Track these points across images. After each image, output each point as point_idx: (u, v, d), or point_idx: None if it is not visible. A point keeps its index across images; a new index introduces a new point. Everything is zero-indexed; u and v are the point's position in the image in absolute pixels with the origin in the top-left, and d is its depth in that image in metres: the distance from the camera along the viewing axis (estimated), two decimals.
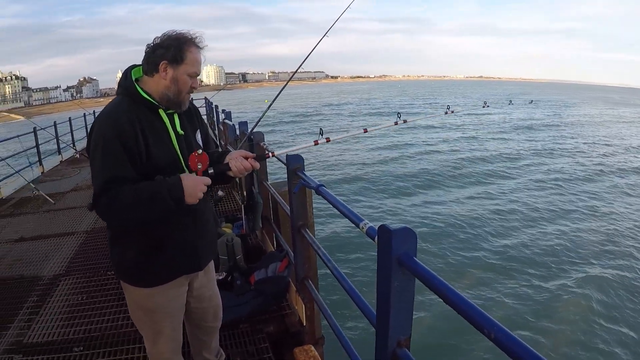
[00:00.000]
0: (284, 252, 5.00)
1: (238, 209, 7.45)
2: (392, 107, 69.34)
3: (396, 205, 17.25)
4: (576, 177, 21.50)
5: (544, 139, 35.53)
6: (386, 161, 26.86)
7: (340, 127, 45.37)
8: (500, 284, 10.95)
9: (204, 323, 3.01)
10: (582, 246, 13.22)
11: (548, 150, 29.79)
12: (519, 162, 26.64)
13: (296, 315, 4.51)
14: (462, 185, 20.09)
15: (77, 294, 5.35)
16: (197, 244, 2.62)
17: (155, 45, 2.36)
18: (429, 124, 41.90)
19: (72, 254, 6.66)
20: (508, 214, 16.21)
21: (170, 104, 2.42)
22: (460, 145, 32.42)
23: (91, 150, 2.29)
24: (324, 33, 4.80)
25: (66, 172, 14.03)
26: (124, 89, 2.41)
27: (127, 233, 2.44)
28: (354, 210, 2.62)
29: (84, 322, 4.65)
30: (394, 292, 1.94)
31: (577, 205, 17.11)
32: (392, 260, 1.89)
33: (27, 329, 4.62)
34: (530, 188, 19.70)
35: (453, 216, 15.92)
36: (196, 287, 2.81)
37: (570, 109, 68.61)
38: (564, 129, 42.57)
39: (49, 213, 9.19)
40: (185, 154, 2.47)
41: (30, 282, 5.77)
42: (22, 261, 6.58)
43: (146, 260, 2.47)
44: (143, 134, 2.30)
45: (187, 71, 2.37)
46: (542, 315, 9.67)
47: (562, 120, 49.87)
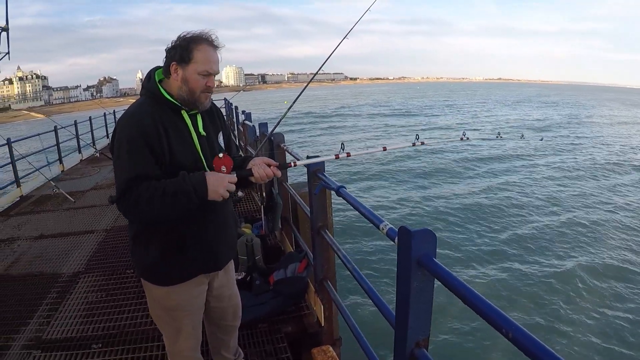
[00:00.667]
0: (303, 253, 4.99)
1: (257, 210, 7.45)
2: (411, 110, 69.09)
3: (415, 205, 17.16)
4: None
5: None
6: (402, 159, 26.85)
7: (361, 129, 45.39)
8: (518, 283, 10.89)
9: (223, 322, 3.01)
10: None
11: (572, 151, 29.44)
12: (542, 159, 26.59)
13: (314, 316, 4.49)
14: (485, 186, 19.92)
15: (96, 292, 5.37)
16: (217, 243, 2.62)
17: (168, 48, 2.39)
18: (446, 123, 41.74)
19: (91, 252, 6.70)
20: (529, 213, 16.12)
21: (186, 103, 2.42)
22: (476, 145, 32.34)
23: (115, 150, 2.31)
24: (343, 35, 4.79)
25: (86, 170, 14.16)
26: (147, 90, 2.43)
27: (148, 232, 2.45)
28: (374, 212, 2.62)
29: (103, 320, 4.67)
30: (413, 293, 1.95)
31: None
32: (411, 261, 1.90)
33: (46, 325, 4.65)
34: (558, 190, 19.50)
35: (471, 213, 15.98)
36: (216, 287, 2.80)
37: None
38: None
39: (69, 211, 9.26)
40: (208, 155, 2.49)
41: (49, 279, 5.81)
42: (42, 258, 6.62)
43: (167, 258, 2.47)
44: (166, 134, 2.32)
45: (196, 70, 2.35)
46: (561, 317, 9.58)
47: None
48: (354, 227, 13.70)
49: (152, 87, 2.41)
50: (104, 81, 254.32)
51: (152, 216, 2.30)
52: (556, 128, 44.25)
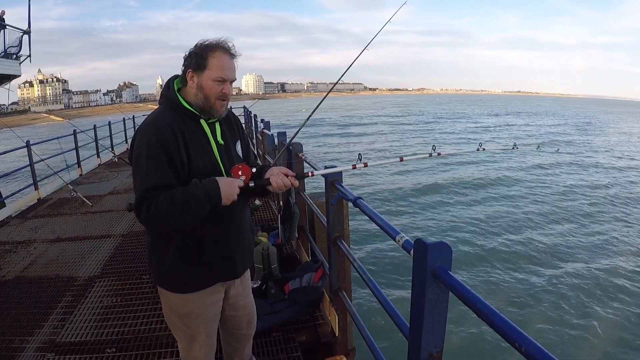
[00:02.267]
0: (319, 263, 4.98)
1: (274, 219, 7.47)
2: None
3: (428, 216, 17.11)
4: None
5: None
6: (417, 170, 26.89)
7: (378, 138, 45.52)
8: (531, 295, 10.79)
9: (238, 330, 3.01)
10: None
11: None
12: (558, 169, 26.49)
13: (329, 326, 4.47)
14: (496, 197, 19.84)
15: (111, 296, 5.38)
16: (234, 251, 2.62)
17: (185, 57, 2.43)
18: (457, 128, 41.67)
19: (107, 257, 6.72)
20: (544, 225, 16.01)
21: (203, 112, 2.44)
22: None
23: (134, 158, 2.33)
24: (363, 44, 4.79)
25: (104, 175, 14.24)
26: (166, 98, 2.46)
27: (166, 239, 2.45)
28: (390, 223, 2.62)
29: (118, 324, 4.67)
30: (428, 305, 1.95)
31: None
32: (427, 274, 1.91)
33: (61, 328, 4.66)
34: (574, 203, 19.36)
35: (485, 224, 15.87)
36: (232, 295, 2.80)
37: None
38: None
39: (86, 215, 9.32)
40: (226, 164, 2.50)
41: (65, 283, 5.84)
42: (58, 261, 6.66)
43: (184, 266, 2.48)
44: (185, 143, 2.33)
45: (211, 77, 2.37)
46: (575, 331, 9.49)
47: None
48: (369, 236, 13.68)
49: (171, 95, 2.44)
50: (123, 86, 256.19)
51: (169, 225, 2.32)
52: (570, 139, 44.19)
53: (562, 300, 10.67)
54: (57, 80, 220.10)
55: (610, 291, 11.12)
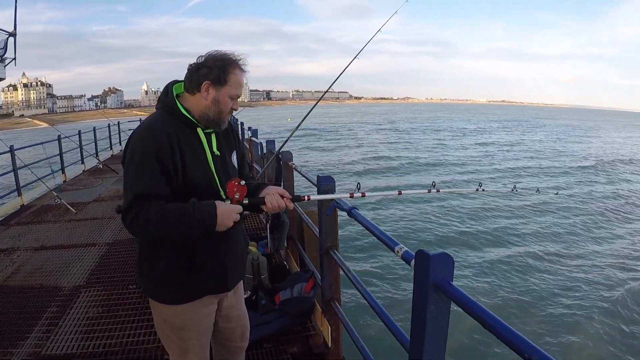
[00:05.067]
0: (310, 273, 4.94)
1: (262, 228, 7.41)
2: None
3: (419, 225, 17.06)
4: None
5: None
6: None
7: (363, 144, 45.91)
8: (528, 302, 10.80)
9: (231, 343, 2.94)
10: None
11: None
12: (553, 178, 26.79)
13: (320, 336, 4.44)
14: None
15: (97, 307, 5.29)
16: (227, 264, 2.56)
17: (199, 64, 2.35)
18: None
19: (93, 266, 6.61)
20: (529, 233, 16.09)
21: (209, 123, 2.41)
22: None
23: (126, 162, 2.27)
24: (351, 53, 4.77)
25: (88, 182, 14.10)
26: (164, 104, 2.40)
27: (157, 249, 2.39)
28: (388, 234, 2.61)
29: (104, 336, 4.58)
30: (429, 317, 1.94)
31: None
32: (429, 285, 1.89)
33: (46, 340, 4.56)
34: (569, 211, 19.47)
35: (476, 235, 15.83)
36: (225, 307, 2.75)
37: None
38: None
39: (71, 223, 9.19)
40: (221, 175, 2.46)
41: (50, 292, 5.73)
42: (42, 270, 6.54)
43: (176, 277, 2.41)
44: (180, 151, 2.29)
45: (229, 93, 2.37)
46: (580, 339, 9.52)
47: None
48: (358, 246, 13.62)
49: (169, 101, 2.39)
50: (108, 91, 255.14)
51: (154, 236, 2.27)
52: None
53: (561, 306, 10.69)
54: (42, 84, 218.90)
55: (614, 300, 11.16)
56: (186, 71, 2.40)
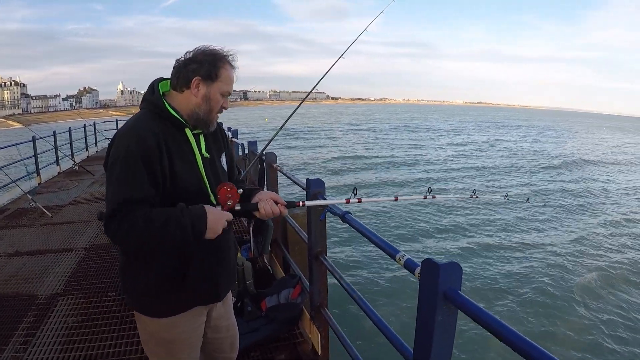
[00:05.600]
0: (297, 278, 4.84)
1: (245, 231, 7.27)
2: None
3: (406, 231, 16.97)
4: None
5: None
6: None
7: (341, 144, 46.23)
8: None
9: (220, 354, 2.83)
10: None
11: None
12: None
13: (309, 344, 4.36)
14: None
15: (76, 315, 5.12)
16: (217, 273, 2.44)
17: (187, 60, 2.23)
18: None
19: (70, 272, 6.43)
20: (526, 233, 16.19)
21: (199, 122, 2.28)
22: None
23: (109, 164, 2.11)
24: (330, 55, 4.70)
25: (64, 184, 13.83)
26: (150, 103, 2.25)
27: (144, 259, 2.25)
28: (386, 240, 2.54)
29: (84, 347, 4.42)
30: (437, 328, 1.90)
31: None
32: (437, 295, 1.86)
33: (23, 352, 4.39)
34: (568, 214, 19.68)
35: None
36: (214, 317, 2.64)
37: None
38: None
39: (46, 227, 8.95)
40: (211, 179, 2.34)
41: (26, 301, 5.54)
42: (18, 277, 6.33)
43: (164, 289, 2.27)
44: (168, 153, 2.14)
45: (220, 89, 2.25)
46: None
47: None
48: (345, 251, 13.51)
49: (156, 100, 2.24)
50: (84, 91, 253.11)
51: (140, 246, 2.14)
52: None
53: (560, 312, 10.66)
54: (16, 84, 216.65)
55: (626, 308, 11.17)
56: (172, 68, 2.27)
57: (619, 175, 34.14)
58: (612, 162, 41.50)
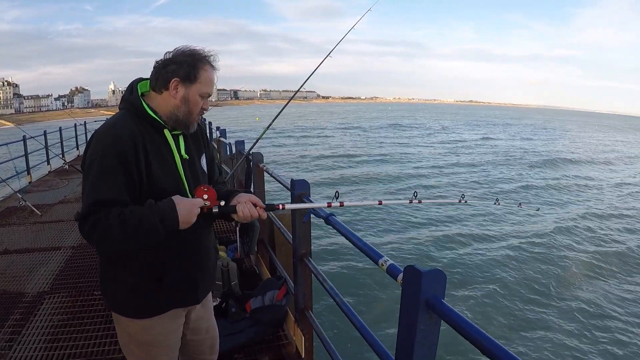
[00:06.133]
0: (282, 280, 4.82)
1: (232, 231, 7.28)
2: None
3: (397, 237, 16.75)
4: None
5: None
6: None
7: (334, 144, 46.17)
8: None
9: (199, 356, 2.81)
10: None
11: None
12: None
13: (293, 346, 4.34)
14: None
15: (61, 314, 5.12)
16: (196, 275, 2.44)
17: (166, 61, 2.22)
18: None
19: (57, 270, 6.44)
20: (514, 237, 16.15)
21: (178, 124, 2.27)
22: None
23: (86, 166, 2.10)
24: (322, 54, 4.70)
25: (54, 183, 13.81)
26: (129, 103, 2.24)
27: (121, 259, 2.25)
28: (369, 244, 2.51)
29: (69, 346, 4.43)
30: (419, 337, 1.86)
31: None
32: (419, 303, 1.81)
33: (9, 350, 4.39)
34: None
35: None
36: (193, 319, 2.62)
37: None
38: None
39: (35, 225, 8.96)
40: (190, 180, 2.33)
41: (13, 299, 5.55)
42: (5, 275, 6.34)
43: (142, 291, 2.28)
44: (145, 154, 2.13)
45: (199, 91, 2.24)
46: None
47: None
48: (331, 253, 13.43)
49: (134, 100, 2.23)
50: (75, 91, 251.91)
51: (115, 247, 2.14)
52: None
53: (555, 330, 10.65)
54: (8, 84, 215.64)
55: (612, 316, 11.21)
56: (152, 68, 2.26)
57: (609, 173, 34.43)
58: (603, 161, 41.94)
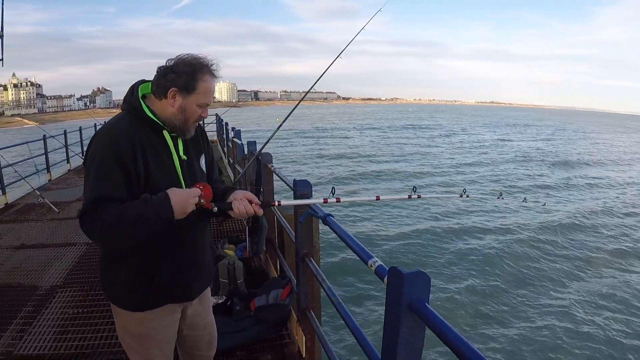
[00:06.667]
0: (287, 279, 4.86)
1: (242, 230, 7.37)
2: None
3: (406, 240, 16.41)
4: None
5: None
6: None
7: (350, 147, 45.83)
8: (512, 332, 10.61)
9: (196, 352, 2.86)
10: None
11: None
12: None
13: (296, 345, 4.35)
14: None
15: (72, 307, 5.25)
16: (190, 273, 2.50)
17: (167, 69, 2.24)
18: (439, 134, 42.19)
19: (71, 265, 6.58)
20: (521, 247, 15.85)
21: (175, 130, 2.32)
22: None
23: (87, 164, 2.18)
24: (337, 54, 4.74)
25: (73, 181, 14.05)
26: (129, 105, 2.30)
27: (118, 253, 2.33)
28: (362, 245, 2.49)
29: (77, 338, 4.54)
30: (401, 339, 1.83)
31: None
32: (402, 306, 1.78)
33: (19, 340, 4.52)
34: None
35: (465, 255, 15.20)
36: (190, 315, 2.67)
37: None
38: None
39: (52, 222, 9.15)
40: (188, 180, 2.39)
41: (27, 292, 5.69)
42: (21, 269, 6.51)
43: (136, 286, 2.34)
44: (144, 154, 2.20)
45: (197, 101, 2.27)
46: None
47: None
48: (345, 255, 13.30)
49: (134, 102, 2.29)
50: (97, 91, 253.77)
51: (114, 242, 2.23)
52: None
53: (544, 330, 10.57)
54: (31, 84, 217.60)
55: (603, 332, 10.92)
56: (155, 73, 2.29)
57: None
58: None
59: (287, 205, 2.91)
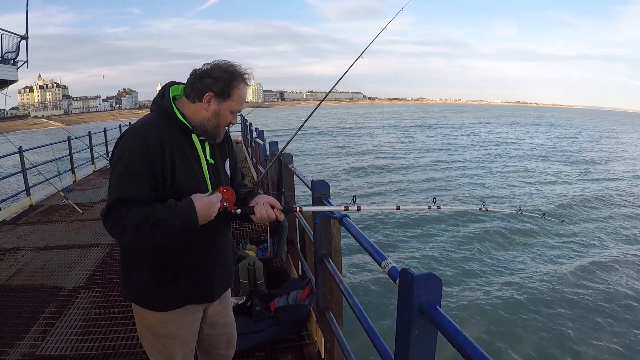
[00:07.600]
0: (307, 280, 4.85)
1: (264, 231, 7.38)
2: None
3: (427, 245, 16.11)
4: None
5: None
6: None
7: (374, 148, 45.46)
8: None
9: (216, 351, 2.87)
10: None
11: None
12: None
13: (315, 346, 4.33)
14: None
15: (94, 308, 5.29)
16: (211, 274, 2.51)
17: (203, 73, 2.26)
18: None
19: (94, 267, 6.63)
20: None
21: (205, 134, 2.34)
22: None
23: (113, 163, 2.19)
24: (366, 55, 4.72)
25: (97, 182, 14.16)
26: (159, 106, 2.32)
27: (139, 256, 2.34)
28: (377, 246, 2.47)
29: (99, 339, 4.58)
30: (413, 342, 1.81)
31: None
32: (413, 308, 1.76)
33: (41, 341, 4.57)
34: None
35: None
36: (210, 315, 2.68)
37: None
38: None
39: (76, 223, 9.22)
40: (214, 183, 2.40)
41: (50, 293, 5.75)
42: (45, 270, 6.57)
43: (157, 285, 2.36)
44: (171, 157, 2.21)
45: (231, 107, 2.30)
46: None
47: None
48: (362, 253, 13.20)
49: (165, 104, 2.30)
50: (123, 93, 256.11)
51: (137, 243, 2.21)
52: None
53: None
54: (57, 85, 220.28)
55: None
56: (189, 76, 2.32)
57: None
58: None
59: (308, 210, 2.90)
